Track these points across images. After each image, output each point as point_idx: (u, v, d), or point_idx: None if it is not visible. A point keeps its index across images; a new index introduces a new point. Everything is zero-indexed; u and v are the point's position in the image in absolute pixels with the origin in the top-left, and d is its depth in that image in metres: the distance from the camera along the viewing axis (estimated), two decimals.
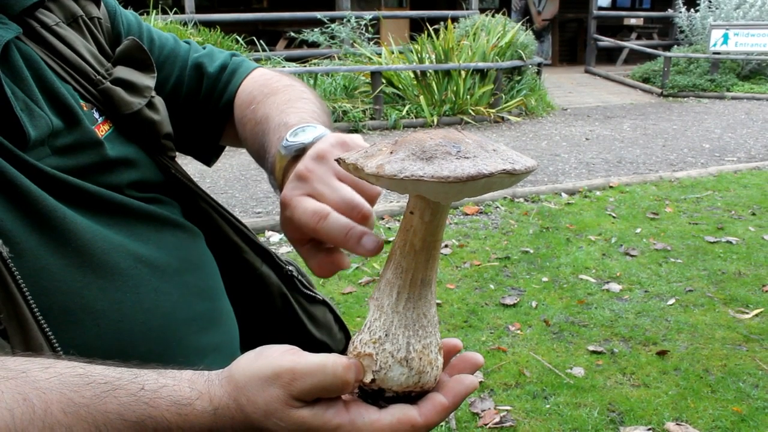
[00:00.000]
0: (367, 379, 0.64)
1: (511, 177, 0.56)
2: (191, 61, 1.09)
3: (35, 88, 0.81)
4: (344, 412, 0.62)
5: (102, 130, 0.89)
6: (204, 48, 1.14)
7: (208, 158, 1.20)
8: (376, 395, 0.65)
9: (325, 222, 0.69)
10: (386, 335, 0.65)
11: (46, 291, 0.74)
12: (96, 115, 0.89)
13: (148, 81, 0.96)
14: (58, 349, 0.72)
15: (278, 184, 0.84)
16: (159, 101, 0.98)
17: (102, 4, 1.01)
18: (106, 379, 0.61)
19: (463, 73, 9.27)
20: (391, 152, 0.58)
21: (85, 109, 0.88)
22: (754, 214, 5.34)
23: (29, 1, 0.84)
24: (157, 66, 1.02)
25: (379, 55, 9.97)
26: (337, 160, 0.65)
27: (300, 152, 0.80)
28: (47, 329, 0.72)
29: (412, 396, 0.65)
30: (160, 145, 0.97)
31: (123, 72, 0.94)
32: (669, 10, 15.04)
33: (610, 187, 6.11)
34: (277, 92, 1.01)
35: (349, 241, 0.69)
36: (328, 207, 0.70)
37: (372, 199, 0.73)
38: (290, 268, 1.10)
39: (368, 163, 0.58)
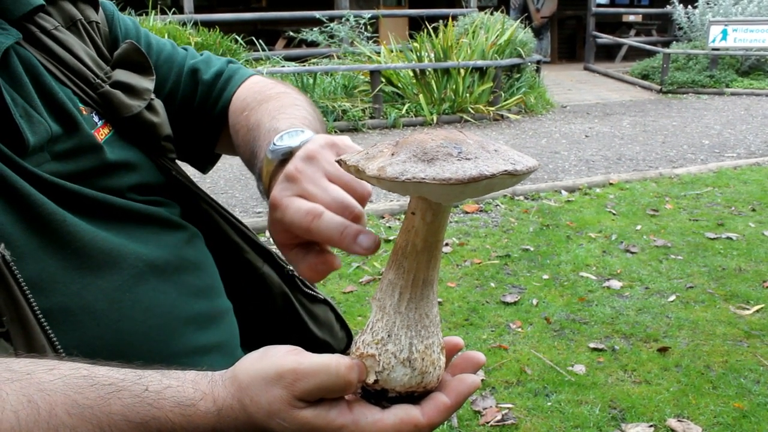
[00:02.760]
0: (370, 379, 0.64)
1: (512, 177, 0.57)
2: (187, 67, 1.08)
3: (34, 94, 0.81)
4: (347, 413, 0.62)
5: (102, 133, 0.89)
6: (201, 54, 1.14)
7: (203, 166, 1.19)
8: (379, 395, 0.65)
9: (320, 221, 0.67)
10: (389, 336, 0.65)
11: (46, 293, 0.74)
12: (95, 118, 0.90)
13: (147, 83, 0.97)
14: (60, 350, 0.73)
15: (265, 189, 0.83)
16: (158, 103, 0.98)
17: (100, 8, 1.01)
18: (110, 381, 0.61)
19: (462, 71, 9.26)
20: (393, 154, 0.58)
21: (84, 113, 0.88)
22: (754, 210, 5.35)
23: (29, 7, 0.84)
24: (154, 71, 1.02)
25: (378, 53, 9.96)
26: (338, 161, 0.65)
27: (287, 156, 0.79)
28: (49, 330, 0.73)
29: (415, 396, 0.65)
30: (160, 147, 0.98)
31: (122, 75, 0.94)
32: (667, 6, 15.00)
33: (610, 184, 6.11)
34: (270, 99, 1.00)
35: (345, 239, 0.67)
36: (321, 206, 0.68)
37: (363, 200, 0.71)
38: (291, 267, 1.10)
39: (369, 165, 0.59)
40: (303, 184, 0.70)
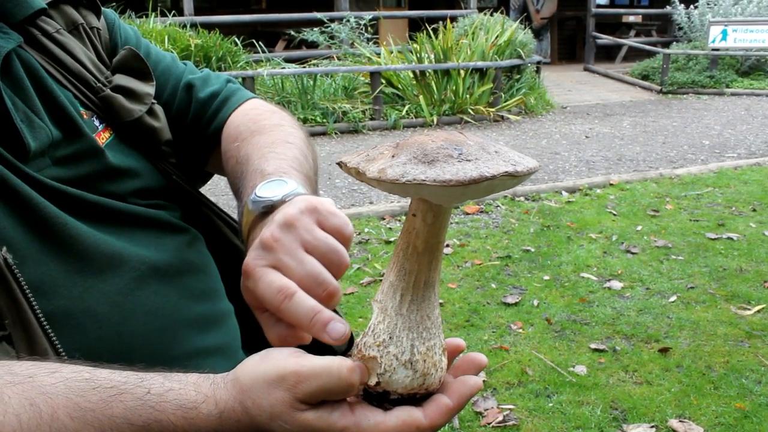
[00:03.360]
0: (372, 381, 0.65)
1: (513, 179, 0.57)
2: (183, 82, 1.07)
3: (36, 99, 0.81)
4: (349, 415, 0.62)
5: (103, 137, 0.89)
6: (201, 71, 1.12)
7: (194, 183, 1.16)
8: (381, 397, 0.65)
9: (290, 303, 0.65)
10: (390, 338, 0.65)
11: (48, 296, 0.75)
12: (96, 122, 0.90)
13: (148, 88, 0.97)
14: (62, 353, 0.73)
15: (243, 238, 0.81)
16: (159, 108, 0.98)
17: (102, 15, 1.01)
18: (112, 384, 0.62)
19: (462, 72, 9.26)
20: (393, 156, 0.58)
21: (85, 116, 0.88)
22: (754, 210, 5.34)
23: (30, 10, 0.85)
24: None
25: (378, 55, 9.97)
26: (338, 164, 0.65)
27: (267, 209, 0.77)
28: (51, 333, 0.73)
29: (417, 398, 0.65)
30: (160, 151, 0.98)
31: (123, 80, 0.95)
32: (667, 7, 15.01)
33: (611, 184, 6.11)
34: (264, 131, 0.98)
35: (314, 326, 0.64)
36: (293, 285, 0.65)
37: (339, 271, 0.69)
38: None
39: (370, 168, 0.59)
40: (278, 255, 0.67)
